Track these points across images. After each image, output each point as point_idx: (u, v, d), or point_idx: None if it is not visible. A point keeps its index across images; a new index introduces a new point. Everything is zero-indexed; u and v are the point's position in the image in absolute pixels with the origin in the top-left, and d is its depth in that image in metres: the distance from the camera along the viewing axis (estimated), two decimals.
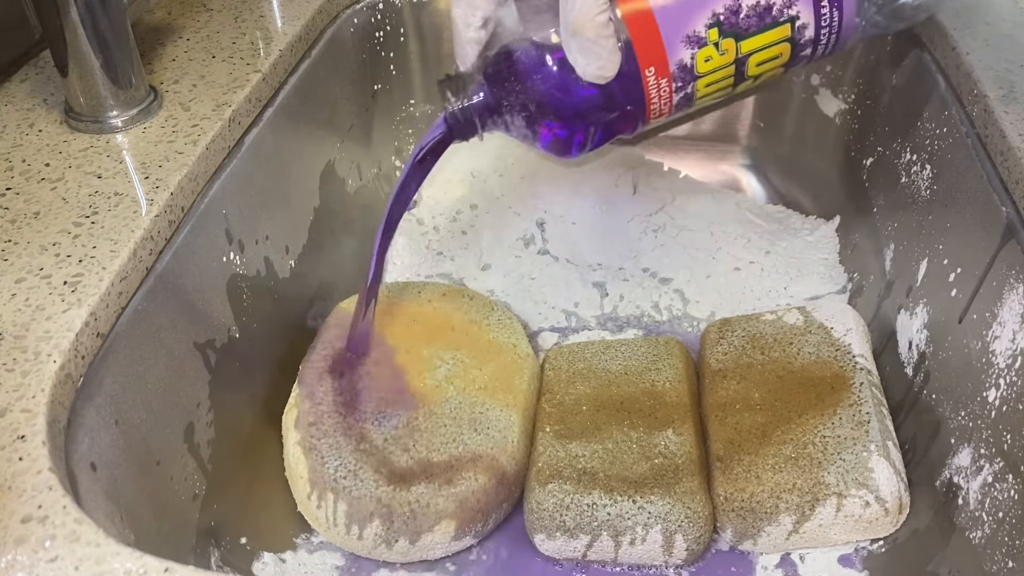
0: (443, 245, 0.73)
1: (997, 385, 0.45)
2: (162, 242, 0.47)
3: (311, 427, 0.52)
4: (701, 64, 0.46)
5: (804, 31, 0.47)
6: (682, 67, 0.46)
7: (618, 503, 0.50)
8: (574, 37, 0.44)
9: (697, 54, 0.46)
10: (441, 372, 0.56)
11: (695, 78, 0.46)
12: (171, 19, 0.65)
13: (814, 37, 0.47)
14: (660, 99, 0.47)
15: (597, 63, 0.44)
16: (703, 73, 0.46)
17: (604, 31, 0.43)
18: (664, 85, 0.46)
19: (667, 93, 0.47)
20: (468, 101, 0.49)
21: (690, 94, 0.47)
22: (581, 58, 0.44)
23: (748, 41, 0.46)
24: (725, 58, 0.46)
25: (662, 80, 0.46)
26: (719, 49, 0.46)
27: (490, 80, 0.48)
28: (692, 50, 0.45)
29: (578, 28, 0.43)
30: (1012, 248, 0.46)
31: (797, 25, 0.46)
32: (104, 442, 0.41)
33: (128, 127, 0.53)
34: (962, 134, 0.54)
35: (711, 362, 0.58)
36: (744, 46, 0.46)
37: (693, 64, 0.46)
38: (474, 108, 0.49)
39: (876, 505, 0.48)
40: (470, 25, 0.48)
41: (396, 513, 0.49)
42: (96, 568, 0.32)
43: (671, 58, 0.45)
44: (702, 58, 0.46)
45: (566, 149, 0.50)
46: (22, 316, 0.41)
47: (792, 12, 0.46)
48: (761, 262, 0.69)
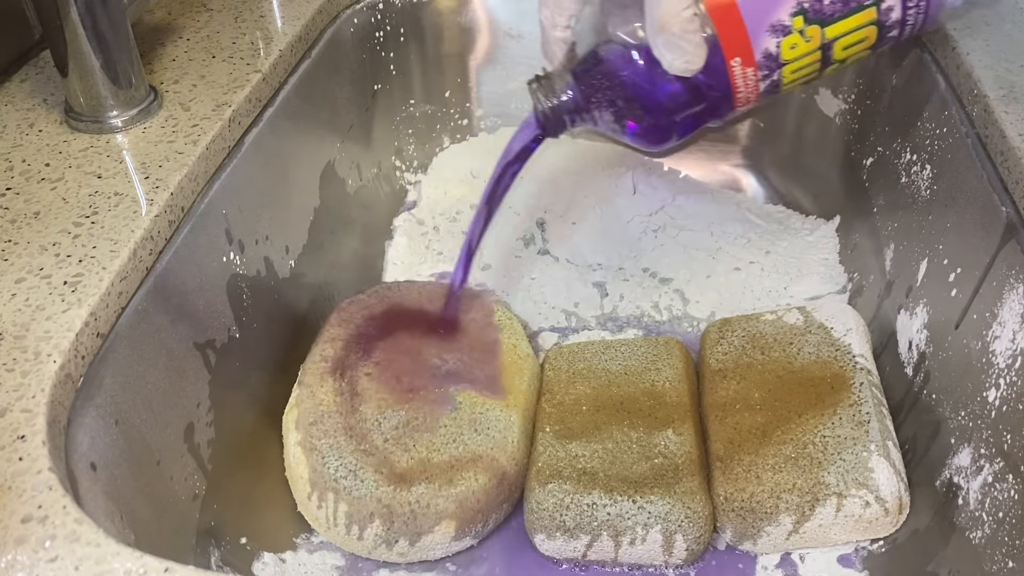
0: (443, 245, 0.73)
1: (997, 385, 0.45)
2: (162, 242, 0.47)
3: (311, 427, 0.52)
4: (786, 52, 0.46)
5: (890, 13, 0.46)
6: (767, 56, 0.46)
7: (618, 503, 0.50)
8: (660, 33, 0.44)
9: (782, 42, 0.45)
10: (441, 372, 0.56)
11: (781, 65, 0.46)
12: (171, 19, 0.65)
13: (901, 18, 0.47)
14: (747, 88, 0.47)
15: (683, 57, 0.45)
16: (789, 60, 0.46)
17: (690, 26, 0.44)
18: (750, 74, 0.46)
19: (753, 82, 0.47)
20: (558, 100, 0.50)
21: (776, 81, 0.47)
22: (667, 53, 0.45)
23: (833, 27, 0.46)
24: (811, 44, 0.46)
25: (748, 70, 0.46)
26: (804, 36, 0.46)
27: (578, 78, 0.49)
28: (777, 39, 0.45)
29: (664, 24, 0.44)
30: (1012, 248, 0.46)
31: (883, 7, 0.46)
32: (104, 442, 0.41)
33: (128, 127, 0.53)
34: (962, 134, 0.54)
35: (711, 362, 0.58)
36: (829, 32, 0.46)
37: (778, 52, 0.46)
38: (564, 106, 0.50)
39: (876, 505, 0.48)
40: (557, 25, 0.49)
41: (396, 513, 0.49)
42: (96, 568, 0.32)
43: (756, 48, 0.45)
44: (787, 46, 0.46)
45: (655, 141, 0.51)
46: (22, 316, 0.41)
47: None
48: (761, 262, 0.69)
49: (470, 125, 0.80)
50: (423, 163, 0.79)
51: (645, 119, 0.49)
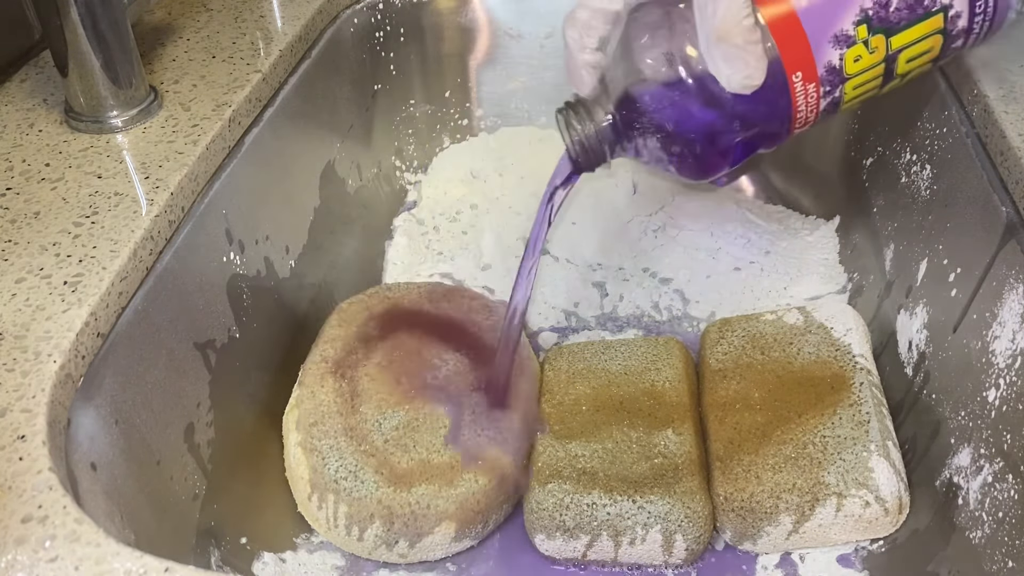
0: (443, 245, 0.73)
1: (997, 385, 0.45)
2: (162, 242, 0.47)
3: (312, 428, 0.52)
4: (850, 65, 0.43)
5: (957, 21, 0.43)
6: (831, 69, 0.43)
7: (618, 503, 0.50)
8: (718, 45, 0.40)
9: (846, 54, 0.42)
10: (441, 373, 0.56)
11: (843, 80, 0.43)
12: (171, 19, 0.65)
13: (967, 27, 0.43)
14: (807, 106, 0.44)
15: (744, 71, 0.41)
16: (852, 74, 0.43)
17: (751, 36, 0.40)
18: (812, 91, 0.43)
19: (814, 99, 0.43)
20: (596, 128, 0.46)
21: (838, 99, 0.44)
22: (726, 67, 0.41)
23: (899, 36, 0.43)
24: (875, 56, 0.43)
25: (810, 85, 0.43)
26: (869, 47, 0.42)
27: (618, 104, 0.45)
28: (841, 50, 0.42)
29: (723, 35, 0.40)
30: (1012, 248, 0.46)
31: (950, 15, 0.43)
32: (104, 442, 0.41)
33: (128, 127, 0.53)
34: (962, 134, 0.54)
35: (711, 362, 0.58)
36: (895, 41, 0.43)
37: (842, 65, 0.43)
38: (603, 135, 0.46)
39: (876, 505, 0.48)
40: (585, 47, 0.45)
41: (396, 514, 0.49)
42: (96, 568, 0.32)
43: (819, 61, 0.42)
44: (851, 58, 0.42)
45: (704, 171, 0.47)
46: (22, 316, 0.41)
47: (945, 1, 0.42)
48: (761, 262, 0.69)
49: (470, 125, 0.80)
50: (423, 163, 0.79)
51: (695, 146, 0.45)
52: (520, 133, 0.79)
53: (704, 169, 0.47)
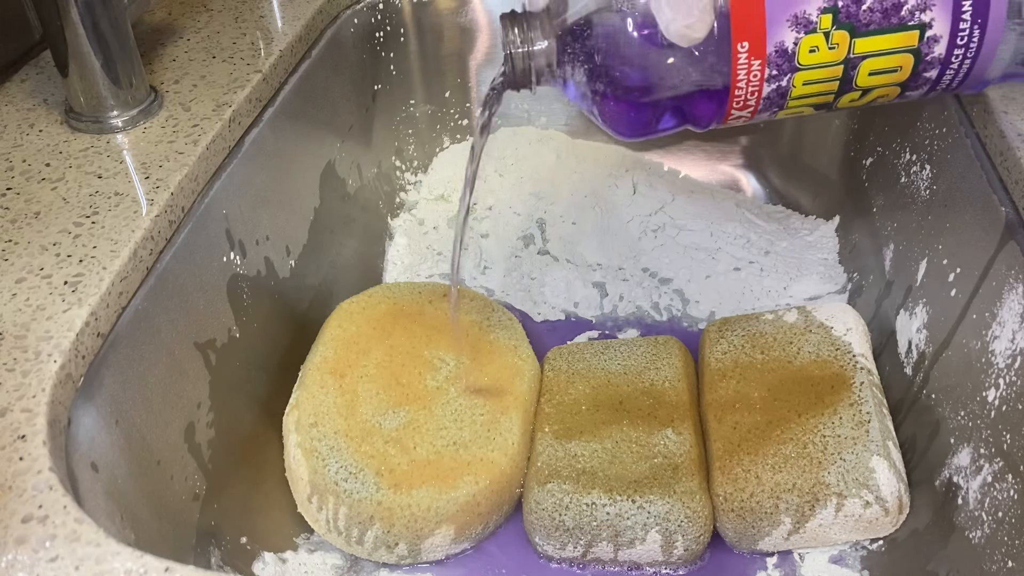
0: (443, 245, 0.73)
1: (997, 385, 0.45)
2: (162, 242, 0.48)
3: (312, 429, 0.52)
4: (804, 53, 0.39)
5: (934, 45, 0.39)
6: (781, 51, 0.39)
7: (617, 503, 0.50)
8: None
9: (802, 40, 0.39)
10: (442, 374, 0.56)
11: (794, 69, 0.40)
12: (171, 19, 0.65)
13: (944, 56, 0.40)
14: (748, 85, 0.40)
15: (686, 19, 0.38)
16: (805, 66, 0.39)
17: None
18: (756, 68, 0.39)
19: (758, 79, 0.40)
20: (531, 47, 0.43)
21: (784, 89, 0.40)
22: (668, 9, 0.38)
23: (866, 39, 0.39)
24: (835, 53, 0.39)
25: (755, 61, 0.39)
26: (829, 40, 0.39)
27: (558, 25, 0.42)
28: (798, 34, 0.39)
29: None
30: (1012, 248, 0.46)
31: (927, 35, 0.39)
32: (104, 442, 0.41)
33: (128, 127, 0.53)
34: (962, 134, 0.54)
35: (711, 362, 0.58)
36: (860, 44, 0.39)
37: (795, 51, 0.39)
38: (535, 56, 0.43)
39: (876, 505, 0.48)
40: None
41: (396, 517, 0.49)
42: (96, 568, 0.32)
43: (770, 36, 0.39)
44: (807, 46, 0.39)
45: (628, 126, 0.44)
46: (22, 316, 0.41)
47: (924, 17, 0.39)
48: (761, 262, 0.69)
49: (470, 125, 0.80)
50: (423, 163, 0.79)
51: (622, 93, 0.42)
52: (520, 133, 0.79)
53: (626, 122, 0.44)
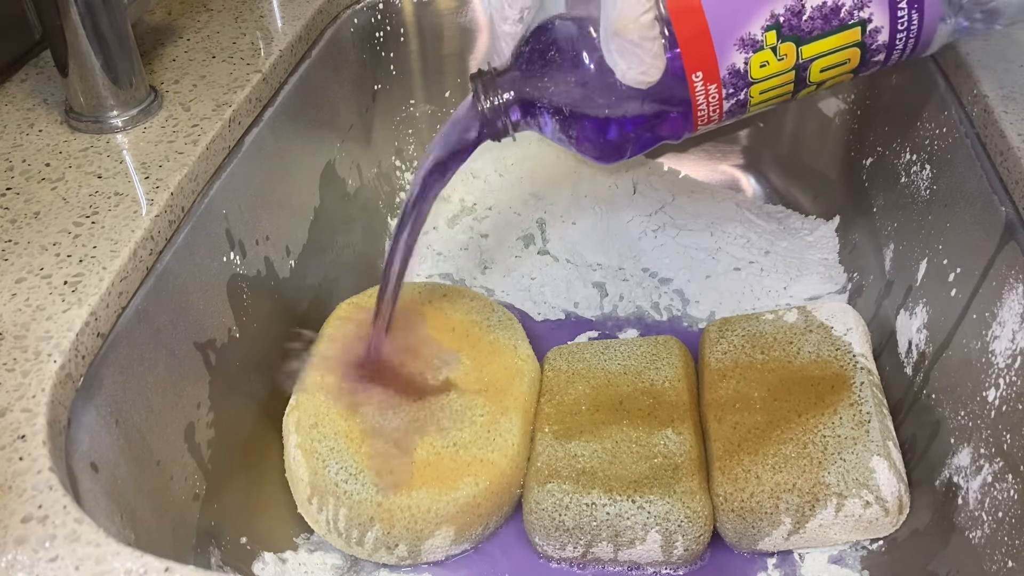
0: (443, 245, 0.73)
1: (997, 385, 0.45)
2: (162, 242, 0.47)
3: (312, 430, 0.52)
4: (756, 70, 0.41)
5: (876, 35, 0.41)
6: (734, 72, 0.41)
7: (617, 503, 0.50)
8: (614, 38, 0.40)
9: (752, 59, 0.41)
10: (442, 374, 0.56)
11: (748, 84, 0.42)
12: (171, 19, 0.65)
13: (888, 42, 0.42)
14: (709, 106, 0.42)
15: (639, 67, 0.40)
16: (758, 79, 0.42)
17: (648, 32, 0.39)
18: (713, 91, 0.42)
19: (716, 100, 0.42)
20: (499, 99, 0.45)
21: (743, 100, 0.43)
22: (622, 61, 0.40)
23: (811, 45, 0.41)
24: (784, 63, 0.41)
25: (711, 86, 0.41)
26: (777, 54, 0.41)
27: (524, 76, 0.44)
28: (746, 54, 0.41)
29: (619, 29, 0.39)
30: (1012, 248, 0.46)
31: (869, 29, 0.41)
32: (104, 442, 0.41)
33: (128, 127, 0.53)
34: (962, 134, 0.54)
35: (711, 362, 0.58)
36: (807, 51, 0.41)
37: (747, 70, 0.41)
38: (504, 106, 0.45)
39: (876, 505, 0.48)
40: (507, 18, 0.45)
41: (397, 518, 0.49)
42: (96, 568, 0.32)
43: (722, 63, 0.41)
44: (757, 63, 0.41)
45: (604, 155, 0.46)
46: (22, 316, 0.41)
47: (863, 14, 0.41)
48: (761, 262, 0.69)
49: None
50: None
51: (594, 130, 0.44)
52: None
53: (605, 154, 0.46)
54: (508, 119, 0.46)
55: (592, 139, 0.45)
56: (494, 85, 0.45)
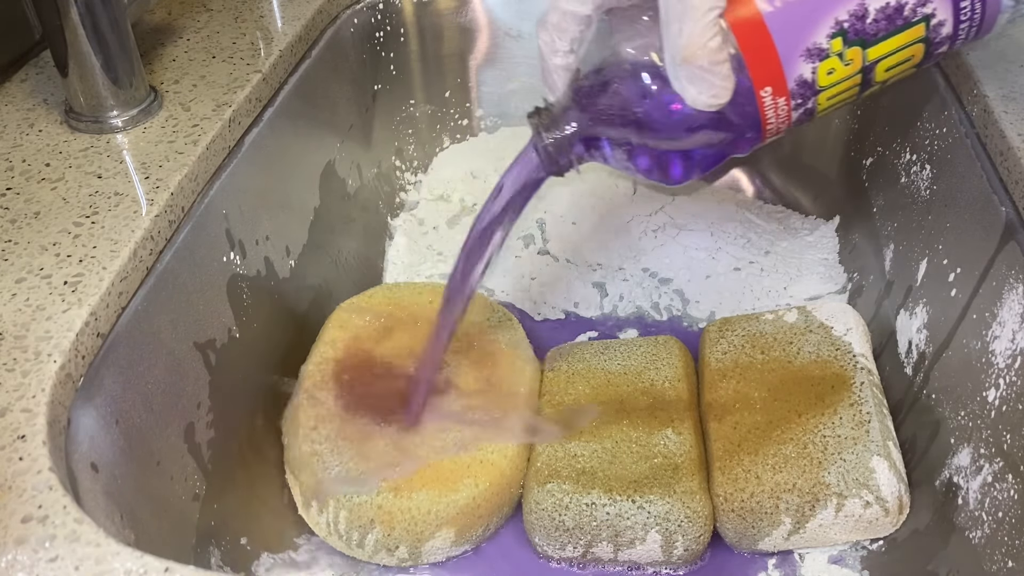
0: (443, 245, 0.73)
1: (997, 385, 0.45)
2: (162, 242, 0.47)
3: (312, 431, 0.52)
4: (823, 78, 0.41)
5: (940, 29, 0.41)
6: (802, 83, 0.41)
7: (617, 503, 0.50)
8: (683, 66, 0.39)
9: (819, 67, 0.41)
10: (442, 374, 0.56)
11: (816, 92, 0.42)
12: (171, 19, 0.65)
13: (951, 33, 0.41)
14: (777, 119, 0.42)
15: (710, 91, 0.39)
16: (825, 87, 0.41)
17: (718, 56, 0.39)
18: (782, 104, 0.41)
19: (785, 112, 0.42)
20: (561, 134, 0.45)
21: (811, 109, 0.43)
22: (691, 87, 0.40)
23: (877, 47, 0.41)
24: (851, 68, 0.41)
25: (779, 99, 0.41)
26: (844, 60, 0.41)
27: (585, 110, 0.44)
28: (813, 64, 0.41)
29: (688, 56, 0.39)
30: (1012, 248, 0.46)
31: (933, 24, 0.41)
32: (104, 442, 0.41)
33: (128, 127, 0.53)
34: (962, 134, 0.54)
35: (711, 361, 0.58)
36: (872, 53, 0.41)
37: (814, 79, 0.41)
38: (568, 141, 0.45)
39: (876, 505, 0.48)
40: (557, 51, 0.44)
41: (397, 520, 0.49)
42: (96, 568, 0.32)
43: (789, 75, 0.41)
44: (824, 71, 0.41)
45: (673, 178, 0.45)
46: (22, 316, 0.41)
47: (926, 10, 0.40)
48: (761, 262, 0.69)
49: (470, 125, 0.80)
50: (423, 163, 0.79)
51: (662, 155, 0.44)
52: (520, 133, 0.79)
53: (673, 177, 0.46)
54: (572, 155, 0.46)
55: (660, 165, 0.44)
56: (556, 122, 0.45)
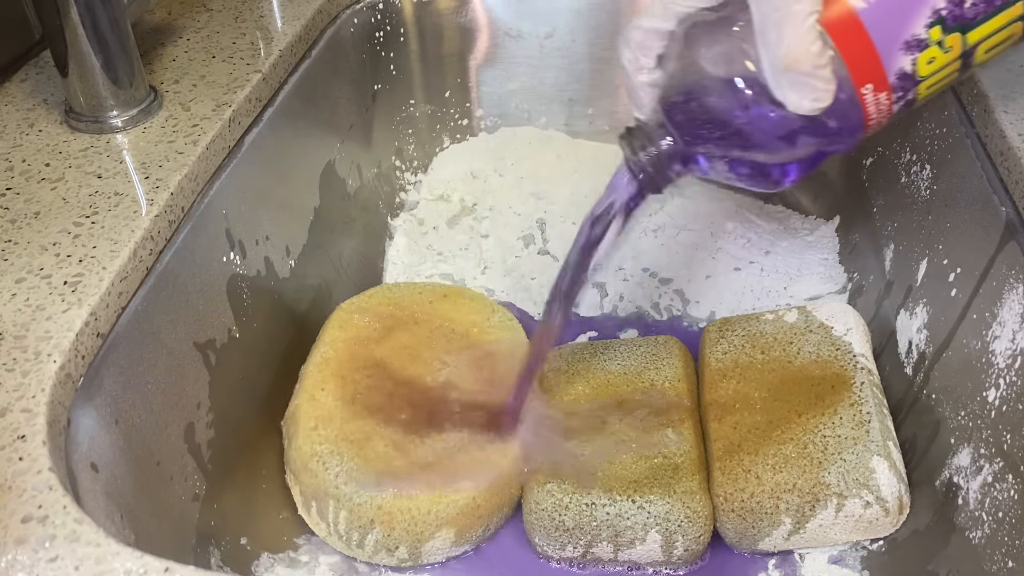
0: (443, 245, 0.73)
1: (997, 385, 0.45)
2: (162, 242, 0.47)
3: (312, 432, 0.52)
4: (923, 68, 0.40)
5: None
6: (902, 76, 0.40)
7: (617, 503, 0.50)
8: (785, 74, 0.38)
9: (918, 58, 0.40)
10: (442, 375, 0.56)
11: (917, 83, 0.41)
12: (171, 19, 0.65)
13: None
14: (879, 113, 0.42)
15: (812, 96, 0.39)
16: (925, 76, 0.41)
17: (820, 60, 0.38)
18: (883, 99, 0.41)
19: (886, 105, 0.41)
20: (658, 151, 0.44)
21: (911, 99, 0.42)
22: (794, 94, 0.39)
23: (977, 31, 0.40)
24: (951, 55, 0.40)
25: (880, 94, 0.41)
26: (943, 48, 0.40)
27: (679, 125, 0.44)
28: (913, 55, 0.40)
29: (791, 64, 0.38)
30: (1012, 248, 0.46)
31: None
32: (104, 442, 0.41)
33: (128, 127, 0.53)
34: (962, 134, 0.54)
35: (711, 361, 0.58)
36: (972, 36, 0.40)
37: (915, 69, 0.40)
38: (666, 157, 0.44)
39: (876, 505, 0.48)
40: (642, 68, 0.44)
41: (397, 520, 0.49)
42: (96, 568, 0.32)
43: (889, 70, 0.40)
44: (924, 61, 0.40)
45: (776, 183, 0.45)
46: (22, 316, 0.41)
47: None
48: (761, 262, 0.69)
49: (470, 125, 0.80)
50: (423, 163, 0.79)
51: (763, 163, 0.43)
52: (520, 133, 0.79)
53: (775, 182, 0.45)
54: (671, 171, 0.45)
55: (761, 173, 0.44)
56: (650, 139, 0.45)
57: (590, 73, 0.77)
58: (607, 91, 0.77)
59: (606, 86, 0.77)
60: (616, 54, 0.46)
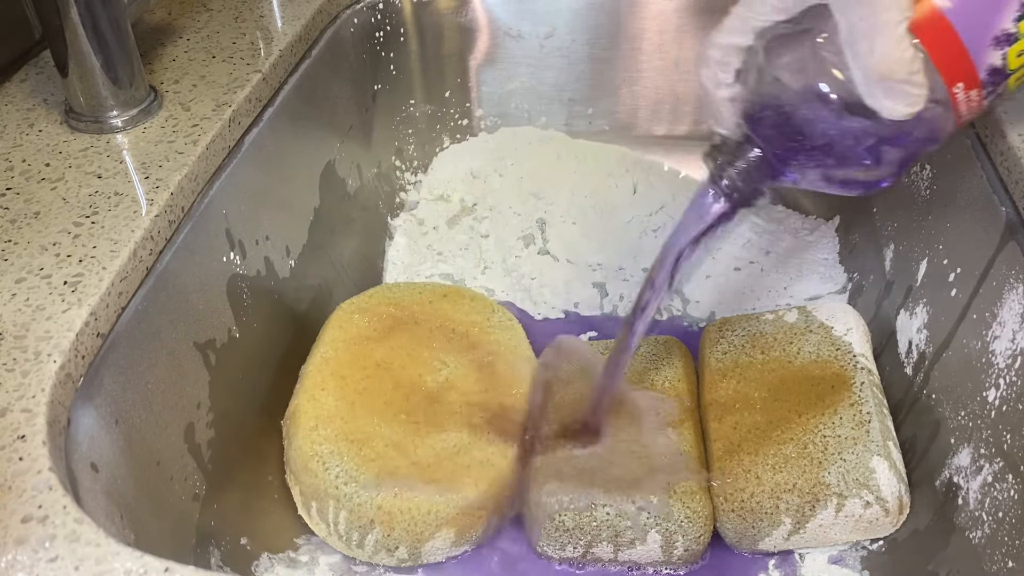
0: (443, 245, 0.73)
1: (997, 385, 0.45)
2: (162, 242, 0.47)
3: (312, 432, 0.52)
4: (1013, 61, 0.41)
5: None
6: (993, 72, 0.41)
7: (617, 503, 0.50)
8: (879, 82, 0.38)
9: (1008, 52, 0.40)
10: (442, 375, 0.56)
11: (1007, 76, 0.41)
12: (171, 19, 0.65)
13: None
14: (970, 110, 0.42)
15: (906, 101, 0.39)
16: (1016, 69, 0.41)
17: (914, 66, 0.38)
18: (974, 95, 0.41)
19: (977, 101, 0.42)
20: (747, 164, 0.44)
21: (1000, 92, 0.42)
22: (888, 100, 0.39)
23: None
24: None
25: (971, 92, 0.41)
26: None
27: (767, 139, 0.43)
28: (1003, 50, 0.40)
29: (886, 72, 0.38)
30: (1012, 248, 0.46)
31: None
32: (104, 442, 0.41)
33: (128, 127, 0.53)
34: (962, 134, 0.54)
35: (711, 362, 0.58)
36: None
37: (1005, 64, 0.41)
38: (755, 170, 0.44)
39: (876, 505, 0.48)
40: (721, 83, 0.43)
41: (397, 520, 0.49)
42: (96, 568, 0.32)
43: (980, 67, 0.40)
44: (1014, 54, 0.40)
45: (870, 187, 0.45)
46: (22, 316, 0.41)
47: None
48: (761, 262, 0.69)
49: (470, 125, 0.80)
50: (423, 163, 0.79)
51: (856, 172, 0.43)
52: (520, 133, 0.79)
53: (868, 186, 0.45)
54: (762, 185, 0.45)
55: (855, 179, 0.44)
56: (736, 154, 0.45)
57: (590, 73, 0.77)
58: (607, 91, 0.77)
59: (606, 86, 0.77)
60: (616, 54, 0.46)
